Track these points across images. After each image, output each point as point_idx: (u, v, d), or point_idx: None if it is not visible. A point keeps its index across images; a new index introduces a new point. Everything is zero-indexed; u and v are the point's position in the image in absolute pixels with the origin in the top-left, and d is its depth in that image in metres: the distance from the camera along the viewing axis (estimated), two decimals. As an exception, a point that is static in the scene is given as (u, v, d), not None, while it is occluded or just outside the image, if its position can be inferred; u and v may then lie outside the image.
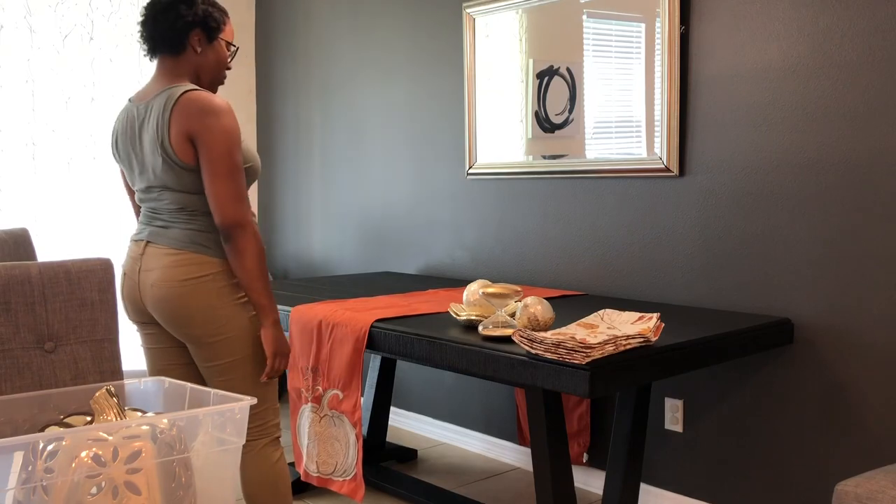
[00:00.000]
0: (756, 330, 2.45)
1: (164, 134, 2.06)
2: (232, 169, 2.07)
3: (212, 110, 2.06)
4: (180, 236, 2.13)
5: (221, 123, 2.06)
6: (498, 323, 2.26)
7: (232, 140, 2.07)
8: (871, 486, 1.85)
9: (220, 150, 2.06)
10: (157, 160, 2.10)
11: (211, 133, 2.05)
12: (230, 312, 2.12)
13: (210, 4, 2.22)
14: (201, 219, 2.14)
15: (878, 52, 2.38)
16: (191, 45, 2.19)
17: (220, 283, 2.12)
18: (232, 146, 2.07)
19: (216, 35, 2.24)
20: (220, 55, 2.27)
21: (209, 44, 2.23)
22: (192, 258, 2.12)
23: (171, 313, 2.11)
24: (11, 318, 1.69)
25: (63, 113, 4.03)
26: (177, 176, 2.09)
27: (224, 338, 2.13)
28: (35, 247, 3.27)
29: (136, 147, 2.16)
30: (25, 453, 1.18)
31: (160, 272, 2.11)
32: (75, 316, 1.76)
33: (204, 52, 2.22)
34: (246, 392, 2.11)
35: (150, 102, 2.14)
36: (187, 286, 2.09)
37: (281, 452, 2.26)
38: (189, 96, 2.08)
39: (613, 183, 3.06)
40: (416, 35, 3.80)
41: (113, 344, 1.81)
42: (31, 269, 1.74)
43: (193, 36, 2.18)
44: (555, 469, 2.23)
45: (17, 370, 1.68)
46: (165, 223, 2.15)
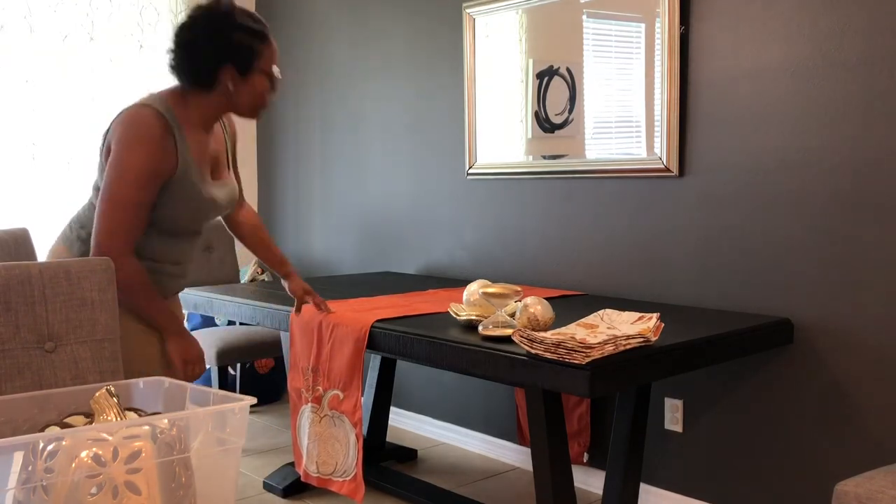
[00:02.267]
0: (756, 330, 2.45)
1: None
2: (114, 199, 1.88)
3: (126, 130, 1.87)
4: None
5: (126, 149, 1.87)
6: (498, 323, 2.26)
7: (123, 170, 1.86)
8: (871, 486, 1.85)
9: (112, 175, 1.89)
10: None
11: (114, 153, 1.89)
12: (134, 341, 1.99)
13: (244, 29, 1.93)
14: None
15: (878, 52, 2.38)
16: (221, 82, 1.94)
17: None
18: (123, 175, 1.87)
19: (252, 68, 1.96)
20: (256, 89, 1.99)
21: (243, 78, 1.96)
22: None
23: None
24: (11, 318, 1.69)
25: (63, 113, 4.03)
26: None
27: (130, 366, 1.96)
28: (35, 247, 3.26)
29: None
30: (25, 453, 1.18)
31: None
32: (75, 316, 1.76)
33: (238, 89, 1.97)
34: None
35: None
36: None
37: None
38: (126, 113, 1.90)
39: (613, 183, 3.06)
40: (416, 35, 3.80)
41: (113, 344, 1.81)
42: (31, 269, 1.74)
43: (224, 73, 1.94)
44: (555, 469, 2.23)
45: (17, 370, 1.68)
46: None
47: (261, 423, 4.08)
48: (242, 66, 1.94)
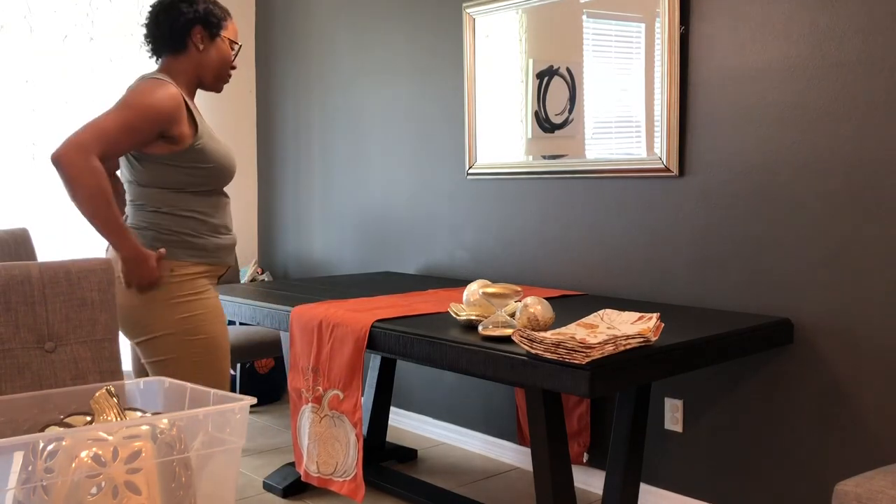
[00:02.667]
0: (756, 330, 2.45)
1: None
2: (106, 116, 2.06)
3: (139, 87, 2.10)
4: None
5: (133, 94, 2.09)
6: (498, 323, 2.26)
7: (126, 101, 2.07)
8: (871, 486, 1.85)
9: (122, 100, 2.09)
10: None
11: (122, 99, 2.10)
12: (155, 313, 2.10)
13: (211, 2, 2.24)
14: (140, 213, 2.18)
15: (878, 52, 2.38)
16: (192, 42, 2.21)
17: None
18: (125, 104, 2.06)
19: (218, 31, 2.25)
20: (223, 53, 2.28)
21: (211, 41, 2.25)
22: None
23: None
24: (11, 318, 1.69)
25: (63, 113, 4.03)
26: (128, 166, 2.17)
27: (150, 338, 2.13)
28: (35, 247, 3.26)
29: None
30: (25, 453, 1.18)
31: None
32: (75, 316, 1.76)
33: (206, 50, 2.24)
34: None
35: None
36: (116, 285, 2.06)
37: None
38: (137, 85, 2.13)
39: (613, 183, 3.06)
40: (416, 35, 3.80)
41: (113, 344, 1.81)
42: (31, 269, 1.74)
43: (195, 33, 2.21)
44: (555, 469, 2.23)
45: (17, 370, 1.68)
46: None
47: (261, 423, 4.08)
48: (211, 29, 2.22)
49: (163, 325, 2.12)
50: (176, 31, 2.19)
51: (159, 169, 2.14)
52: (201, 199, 2.21)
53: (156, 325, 2.12)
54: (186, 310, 2.15)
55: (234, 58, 2.32)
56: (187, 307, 2.16)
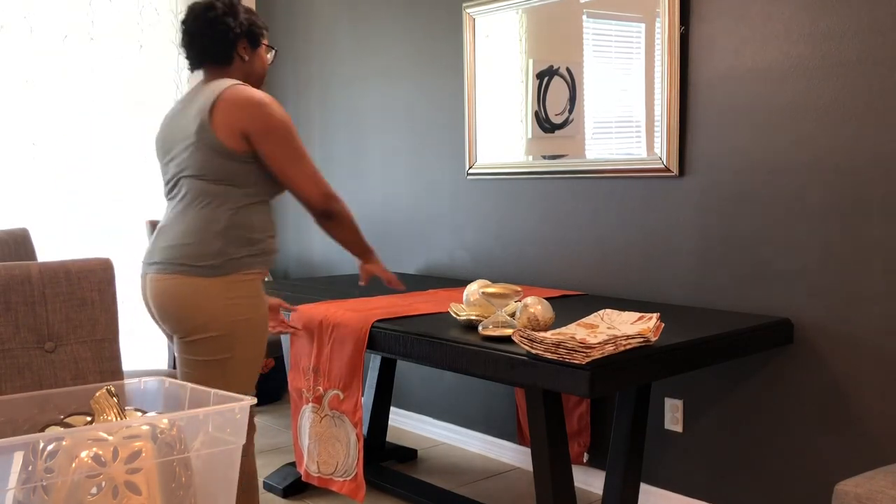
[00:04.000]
0: (756, 330, 2.45)
1: (207, 123, 2.09)
2: (298, 152, 2.17)
3: (261, 103, 2.14)
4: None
5: (274, 114, 2.14)
6: (498, 323, 2.26)
7: (288, 127, 2.16)
8: (871, 486, 1.85)
9: (281, 137, 2.14)
10: (190, 149, 2.13)
11: (268, 124, 2.12)
12: (216, 312, 2.11)
13: (251, 13, 2.31)
14: (209, 210, 2.17)
15: (879, 52, 2.38)
16: (238, 54, 2.27)
17: (211, 280, 2.12)
18: (289, 133, 2.16)
19: (260, 42, 2.33)
20: (263, 60, 2.36)
21: (253, 51, 2.31)
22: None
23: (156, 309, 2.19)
24: (11, 318, 1.69)
25: (63, 113, 4.03)
26: (210, 163, 2.12)
27: (195, 339, 2.13)
28: (35, 247, 3.26)
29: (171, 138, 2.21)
30: (25, 453, 1.18)
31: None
32: (75, 316, 1.76)
33: (250, 60, 2.30)
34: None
35: (194, 96, 2.20)
36: (175, 280, 2.12)
37: (252, 451, 2.28)
38: (232, 92, 2.12)
39: (613, 183, 3.06)
40: (416, 35, 3.80)
41: (113, 344, 1.81)
42: (31, 269, 1.74)
43: (240, 46, 2.27)
44: (555, 469, 2.23)
45: (17, 370, 1.68)
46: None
47: (261, 423, 4.07)
48: (253, 40, 2.29)
49: (221, 325, 2.12)
50: (224, 46, 2.24)
51: (242, 170, 2.15)
52: (263, 205, 2.24)
53: (214, 324, 2.12)
54: (245, 312, 2.15)
55: (272, 61, 2.42)
56: (246, 310, 2.16)
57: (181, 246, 2.13)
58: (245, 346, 2.16)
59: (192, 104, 2.17)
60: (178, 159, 2.17)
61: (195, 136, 2.11)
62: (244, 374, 2.19)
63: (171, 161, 2.20)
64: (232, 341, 2.14)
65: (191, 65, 2.30)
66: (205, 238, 2.12)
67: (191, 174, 2.15)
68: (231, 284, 2.13)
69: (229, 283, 2.13)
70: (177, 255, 2.13)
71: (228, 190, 2.14)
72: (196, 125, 2.11)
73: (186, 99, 2.24)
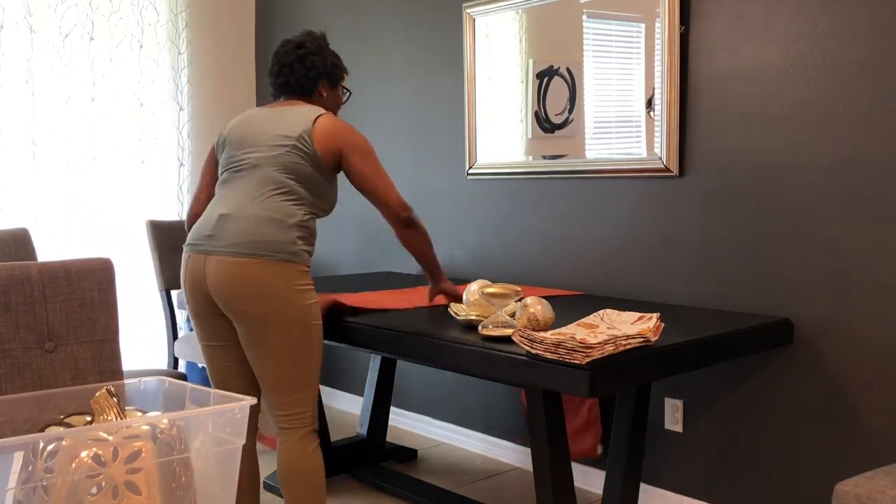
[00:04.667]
0: (756, 330, 2.45)
1: (308, 134, 2.35)
2: (377, 170, 2.42)
3: (352, 128, 2.43)
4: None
5: (359, 138, 2.43)
6: (498, 323, 2.26)
7: (371, 148, 2.44)
8: (871, 486, 1.85)
9: (366, 158, 2.41)
10: (284, 150, 2.35)
11: (357, 144, 2.41)
12: (288, 295, 2.27)
13: (336, 57, 2.57)
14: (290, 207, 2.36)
15: (878, 52, 2.38)
16: (318, 90, 2.54)
17: (286, 265, 2.28)
18: (371, 155, 2.43)
19: (339, 83, 2.59)
20: (339, 99, 2.62)
21: (331, 89, 2.57)
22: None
23: (227, 291, 2.27)
24: (11, 318, 1.69)
25: (63, 113, 4.03)
26: (301, 167, 2.35)
27: (275, 321, 2.26)
28: (35, 247, 3.26)
29: (261, 135, 2.41)
30: (25, 453, 1.18)
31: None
32: (75, 316, 1.76)
33: (327, 97, 2.56)
34: (290, 377, 2.30)
35: (285, 108, 2.44)
36: (250, 264, 2.26)
37: (317, 443, 2.37)
38: (328, 118, 2.41)
39: (613, 183, 3.06)
40: (416, 35, 3.80)
41: (113, 344, 1.81)
42: (31, 269, 1.74)
43: (322, 83, 2.53)
44: (555, 469, 2.23)
45: (17, 370, 1.68)
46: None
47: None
48: (332, 80, 2.56)
49: (293, 308, 2.29)
50: (308, 80, 2.50)
51: (321, 182, 2.40)
52: (316, 219, 2.45)
53: (287, 307, 2.28)
54: (310, 297, 2.33)
55: (345, 101, 2.67)
56: (310, 295, 2.34)
57: (260, 232, 2.28)
58: (315, 328, 2.34)
59: (285, 115, 2.41)
60: (260, 154, 2.37)
61: (297, 141, 2.34)
62: (317, 355, 2.36)
63: (250, 153, 2.39)
64: (306, 324, 2.31)
65: (274, 91, 2.54)
66: (281, 228, 2.30)
67: (276, 169, 2.35)
68: (300, 273, 2.32)
69: (299, 271, 2.31)
70: (255, 241, 2.27)
71: (305, 195, 2.37)
72: (298, 132, 2.35)
73: (274, 109, 2.46)
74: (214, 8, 4.61)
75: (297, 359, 2.31)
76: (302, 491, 2.33)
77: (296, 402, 2.33)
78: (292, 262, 2.29)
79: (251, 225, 2.29)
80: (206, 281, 2.31)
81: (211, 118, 4.63)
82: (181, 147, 4.44)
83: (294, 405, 2.33)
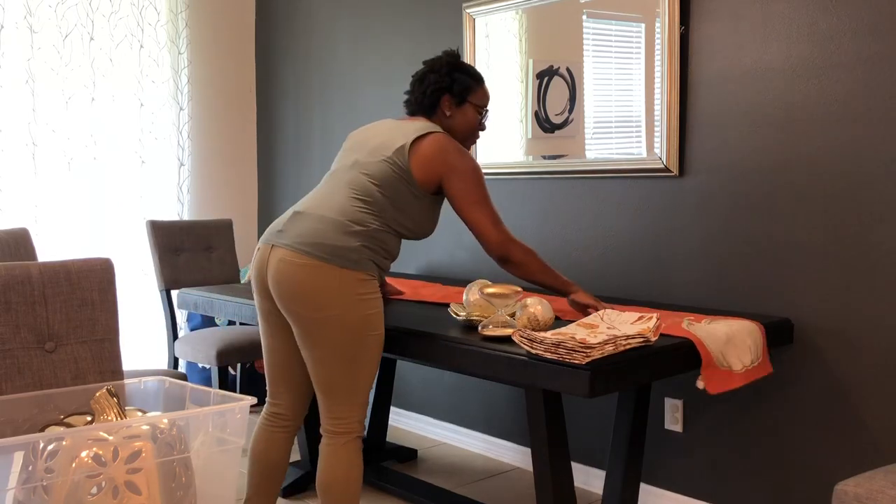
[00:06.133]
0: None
1: (406, 149, 2.31)
2: (478, 196, 2.34)
3: (459, 149, 2.36)
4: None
5: (467, 161, 2.35)
6: (498, 323, 2.26)
7: (478, 173, 2.36)
8: (871, 486, 1.85)
9: (470, 182, 2.33)
10: (380, 159, 2.34)
11: (460, 166, 2.33)
12: (343, 302, 2.22)
13: (462, 71, 2.48)
14: (364, 214, 2.33)
15: (878, 52, 2.38)
16: (441, 108, 2.47)
17: (346, 272, 2.24)
18: (478, 181, 2.35)
19: (466, 100, 2.48)
20: (468, 118, 2.50)
21: (458, 107, 2.48)
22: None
23: (283, 288, 2.24)
24: (11, 318, 1.69)
25: (63, 113, 4.03)
26: (390, 177, 2.32)
27: (328, 326, 2.22)
28: (35, 247, 3.27)
29: (369, 141, 2.42)
30: (25, 453, 1.18)
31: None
32: (75, 316, 1.76)
33: (453, 115, 2.48)
34: (339, 384, 2.27)
35: (402, 123, 2.43)
36: (307, 266, 2.22)
37: (359, 452, 2.35)
38: (437, 137, 2.35)
39: (613, 183, 3.07)
40: (416, 35, 3.80)
41: (113, 344, 1.81)
42: (32, 269, 1.74)
43: (444, 101, 2.46)
44: (555, 469, 2.23)
45: (17, 370, 1.68)
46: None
47: (261, 423, 4.07)
48: (458, 97, 2.47)
49: (348, 315, 2.23)
50: (427, 98, 2.45)
51: (409, 198, 2.35)
52: (399, 237, 2.40)
53: (341, 314, 2.23)
54: (369, 307, 2.27)
55: (482, 121, 2.54)
56: (370, 304, 2.28)
57: (324, 234, 2.24)
58: (371, 339, 2.28)
59: (399, 128, 2.39)
60: (357, 158, 2.38)
61: (393, 154, 2.32)
62: (369, 365, 2.30)
63: (352, 156, 2.41)
64: (360, 333, 2.25)
65: (408, 110, 2.53)
66: (346, 234, 2.25)
67: (365, 173, 2.33)
68: (359, 281, 2.25)
69: (359, 280, 2.25)
70: (318, 242, 2.23)
71: (386, 206, 2.31)
72: (398, 145, 2.32)
73: (395, 121, 2.47)
74: (214, 8, 4.61)
75: (347, 366, 2.26)
76: (336, 496, 2.31)
77: (342, 409, 2.29)
78: (353, 269, 2.23)
79: (318, 225, 2.27)
80: (267, 274, 2.30)
81: (211, 118, 4.63)
82: (181, 147, 4.44)
83: (340, 411, 2.29)
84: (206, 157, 4.60)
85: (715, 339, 2.21)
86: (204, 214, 4.59)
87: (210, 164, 4.62)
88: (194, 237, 3.81)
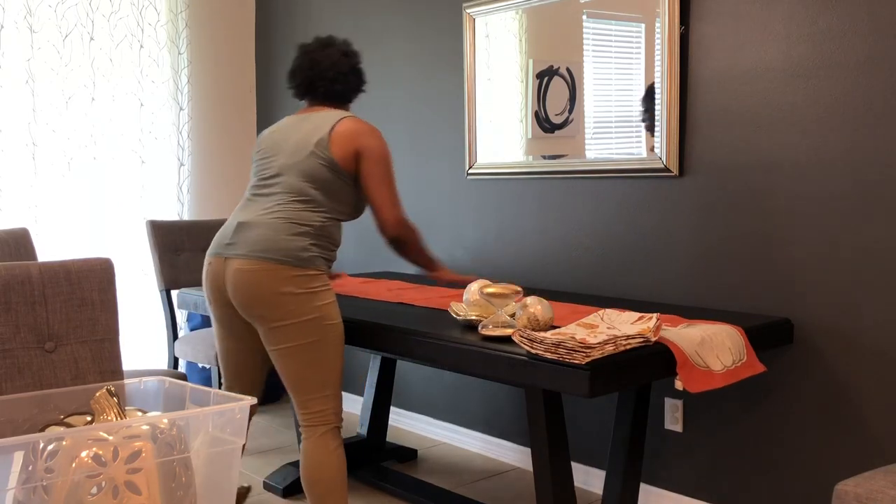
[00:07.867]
0: (756, 330, 2.45)
1: (326, 139, 2.42)
2: (384, 179, 2.46)
3: (373, 136, 2.48)
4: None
5: (382, 146, 2.48)
6: (498, 323, 2.26)
7: (387, 155, 2.49)
8: (871, 486, 1.85)
9: (381, 165, 2.46)
10: (303, 156, 2.43)
11: (375, 148, 2.45)
12: (299, 299, 2.33)
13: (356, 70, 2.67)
14: (307, 213, 2.42)
15: (878, 52, 2.38)
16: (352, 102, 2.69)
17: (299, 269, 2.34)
18: (387, 164, 2.48)
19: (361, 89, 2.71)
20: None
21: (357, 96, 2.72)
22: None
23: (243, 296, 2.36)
24: (11, 318, 1.69)
25: (63, 113, 4.03)
26: (318, 171, 2.42)
27: (288, 323, 2.32)
28: (35, 247, 3.27)
29: (284, 143, 2.50)
30: (25, 453, 1.18)
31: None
32: (75, 316, 1.76)
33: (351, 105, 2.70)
34: (307, 377, 2.36)
35: (307, 116, 2.52)
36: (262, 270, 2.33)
37: (339, 442, 2.42)
38: (350, 121, 2.48)
39: (613, 183, 3.07)
40: (416, 35, 3.80)
41: (113, 344, 1.81)
42: (31, 269, 1.74)
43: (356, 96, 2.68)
44: (555, 469, 2.23)
45: (17, 370, 1.68)
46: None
47: (261, 423, 4.08)
48: (362, 88, 2.69)
49: (306, 310, 2.34)
50: (353, 92, 2.64)
51: (339, 186, 2.45)
52: (339, 223, 2.52)
53: (299, 310, 2.33)
54: (321, 298, 2.37)
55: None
56: (322, 296, 2.38)
57: (273, 238, 2.35)
58: (330, 329, 2.38)
59: (306, 122, 2.49)
60: (282, 162, 2.46)
61: (314, 146, 2.42)
62: (334, 355, 2.40)
63: (274, 161, 2.49)
64: (320, 325, 2.36)
65: (299, 95, 2.61)
66: (295, 235, 2.36)
67: (295, 176, 2.43)
68: (311, 276, 2.36)
69: (309, 275, 2.35)
70: (269, 247, 2.34)
71: (323, 200, 2.42)
72: (317, 138, 2.42)
73: (299, 116, 2.55)
74: (214, 8, 4.61)
75: (314, 359, 2.36)
76: (322, 488, 2.38)
77: (315, 401, 2.38)
78: (304, 266, 2.34)
79: (267, 231, 2.36)
80: (225, 285, 2.41)
81: (211, 118, 4.63)
82: (181, 147, 4.44)
83: (313, 404, 2.39)
84: (206, 157, 4.60)
85: (688, 341, 2.20)
86: (204, 214, 4.59)
87: (210, 164, 4.62)
88: (194, 237, 3.81)
